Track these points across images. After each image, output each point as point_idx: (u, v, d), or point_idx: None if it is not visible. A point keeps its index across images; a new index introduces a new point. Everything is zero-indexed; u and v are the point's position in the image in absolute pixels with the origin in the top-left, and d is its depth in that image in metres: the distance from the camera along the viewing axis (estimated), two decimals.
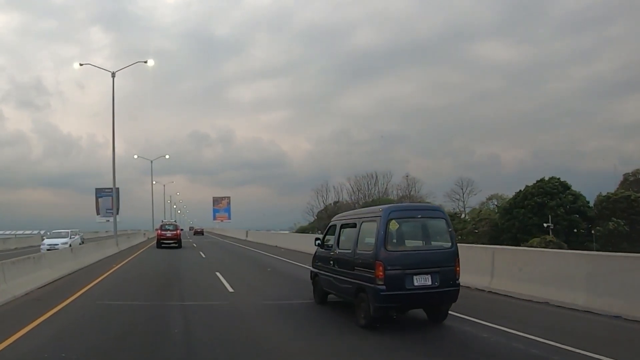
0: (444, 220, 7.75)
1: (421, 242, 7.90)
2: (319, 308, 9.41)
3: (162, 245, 31.79)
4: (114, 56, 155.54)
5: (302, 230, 77.57)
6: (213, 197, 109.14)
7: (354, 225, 8.29)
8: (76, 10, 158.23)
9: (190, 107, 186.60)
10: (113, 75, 29.03)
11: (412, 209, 8.59)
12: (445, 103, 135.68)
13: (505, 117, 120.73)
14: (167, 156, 63.77)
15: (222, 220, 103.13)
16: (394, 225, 7.33)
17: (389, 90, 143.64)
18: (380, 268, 7.06)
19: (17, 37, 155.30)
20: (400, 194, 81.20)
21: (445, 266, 7.33)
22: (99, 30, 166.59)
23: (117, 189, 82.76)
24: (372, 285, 7.16)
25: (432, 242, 7.79)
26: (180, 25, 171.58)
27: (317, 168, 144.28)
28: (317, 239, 9.97)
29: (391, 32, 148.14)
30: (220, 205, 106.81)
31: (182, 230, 37.60)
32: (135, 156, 65.25)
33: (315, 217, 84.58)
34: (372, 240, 7.46)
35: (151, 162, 60.57)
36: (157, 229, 35.33)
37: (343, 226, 8.77)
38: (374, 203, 70.22)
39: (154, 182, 75.89)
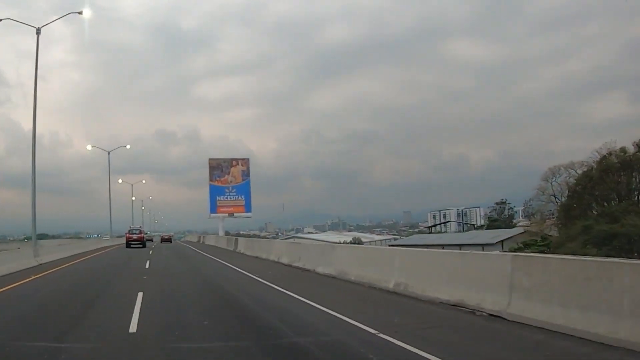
0: None
1: None
2: None
3: (131, 245, 38.26)
4: (76, 49, 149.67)
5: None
6: (210, 161, 52.87)
7: None
8: None
9: (156, 104, 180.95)
10: (38, 32, 24.98)
11: None
12: (415, 101, 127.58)
13: (474, 117, 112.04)
14: (127, 146, 58.30)
15: (231, 214, 51.54)
16: None
17: (359, 88, 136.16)
18: None
19: None
20: None
21: None
22: (59, 20, 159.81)
23: None
24: None
25: None
26: (146, 16, 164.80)
27: (285, 167, 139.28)
28: None
29: (362, 28, 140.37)
30: (226, 180, 51.50)
31: (146, 233, 46.48)
32: (89, 147, 56.51)
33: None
34: None
35: (108, 153, 54.00)
36: (126, 233, 42.36)
37: None
38: None
39: (119, 181, 70.62)
